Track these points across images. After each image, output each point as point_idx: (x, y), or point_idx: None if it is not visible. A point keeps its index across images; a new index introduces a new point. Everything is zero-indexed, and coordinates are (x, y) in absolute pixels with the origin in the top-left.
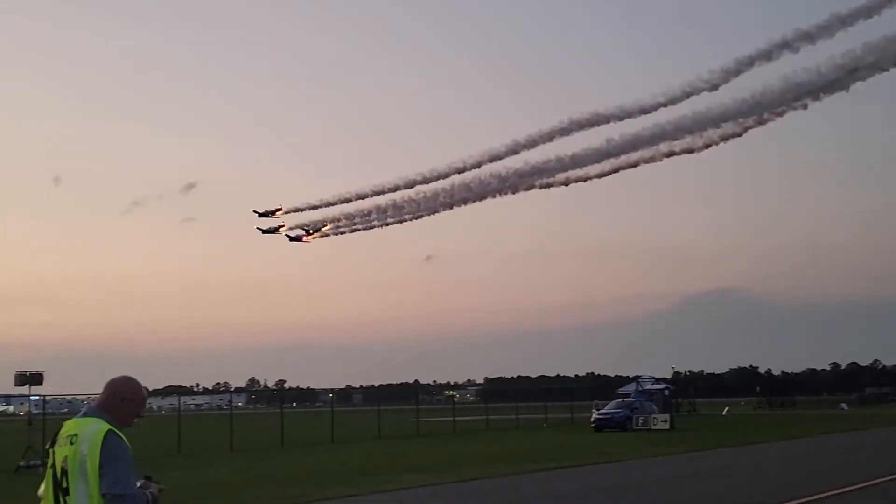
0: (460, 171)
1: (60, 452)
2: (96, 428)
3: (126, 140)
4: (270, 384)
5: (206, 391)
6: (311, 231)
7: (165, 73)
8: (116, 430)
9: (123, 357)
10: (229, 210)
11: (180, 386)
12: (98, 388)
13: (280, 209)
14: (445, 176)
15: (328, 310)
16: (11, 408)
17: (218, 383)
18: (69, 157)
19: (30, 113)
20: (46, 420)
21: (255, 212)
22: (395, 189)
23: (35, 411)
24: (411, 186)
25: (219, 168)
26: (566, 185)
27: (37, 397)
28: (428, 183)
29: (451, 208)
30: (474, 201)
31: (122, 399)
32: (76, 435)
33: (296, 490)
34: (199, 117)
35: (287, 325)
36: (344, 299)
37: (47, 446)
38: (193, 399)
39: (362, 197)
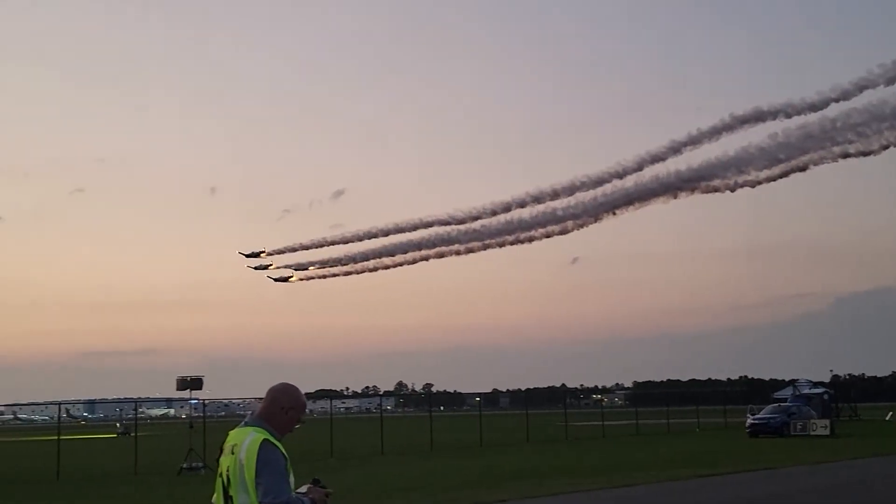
0: (620, 175)
1: (224, 462)
2: (252, 438)
3: (278, 150)
4: (418, 388)
5: (355, 395)
6: (296, 270)
7: (312, 84)
8: (273, 440)
9: (277, 361)
10: (376, 216)
11: (331, 389)
12: (252, 391)
13: (264, 251)
14: (605, 181)
15: (475, 314)
16: (172, 411)
17: (367, 387)
18: (224, 168)
19: (186, 128)
20: (206, 423)
21: (241, 253)
22: (555, 196)
23: (195, 414)
24: (571, 193)
25: (366, 175)
26: (732, 190)
27: (196, 401)
28: (587, 190)
29: (614, 214)
30: (636, 207)
31: (281, 408)
32: (236, 445)
33: (447, 494)
34: (348, 125)
35: (434, 329)
36: (490, 303)
37: (216, 457)
38: (343, 402)
39: (426, 226)
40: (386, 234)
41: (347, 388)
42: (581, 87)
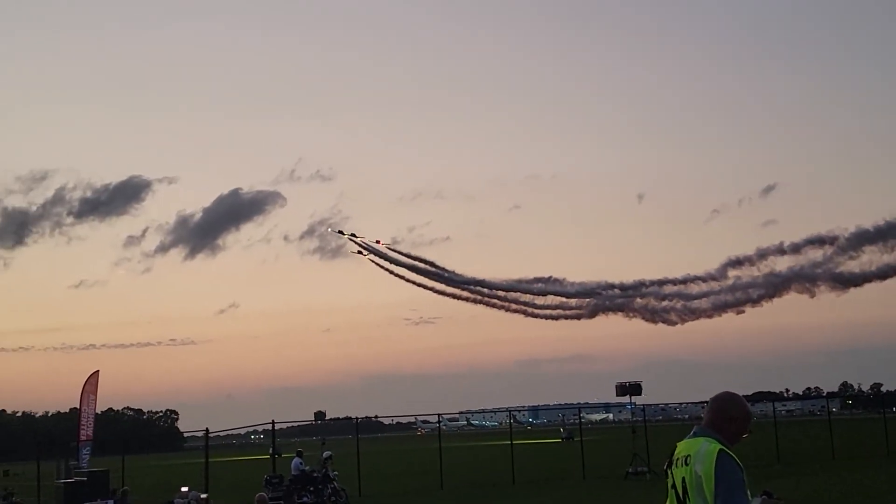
0: None
1: (678, 473)
2: (707, 449)
3: (703, 150)
4: (865, 388)
5: (796, 397)
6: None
7: (743, 79)
8: (727, 450)
9: (712, 363)
10: (810, 212)
11: (770, 391)
12: (689, 395)
13: (354, 234)
14: None
15: None
16: (610, 415)
17: (808, 388)
18: (650, 174)
19: (614, 137)
20: (647, 428)
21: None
22: None
23: (634, 419)
24: None
25: (798, 169)
26: None
27: (634, 405)
28: None
29: None
30: None
31: (729, 418)
32: (689, 456)
33: None
34: (774, 119)
35: (882, 323)
36: None
37: (664, 467)
38: (784, 405)
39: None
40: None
41: (787, 390)
42: None
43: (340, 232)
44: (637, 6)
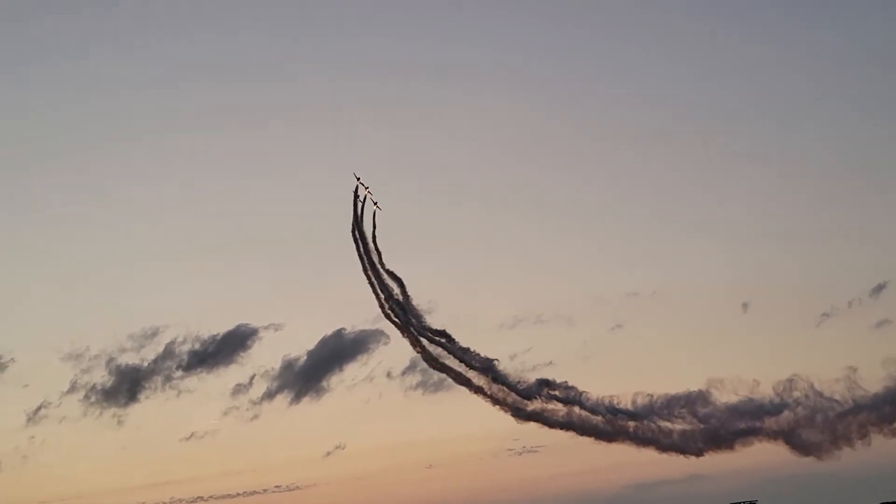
0: None
1: None
2: None
3: (806, 253)
4: None
5: None
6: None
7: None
8: None
9: (831, 473)
10: None
11: (894, 502)
12: None
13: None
14: None
15: None
16: None
17: None
18: (755, 282)
19: (712, 248)
20: None
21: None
22: None
23: None
24: None
25: None
26: None
27: None
28: None
29: None
30: None
31: None
32: None
33: None
34: (881, 213)
35: None
36: None
37: None
38: None
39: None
40: None
41: None
42: None
43: (357, 178)
44: (731, 119)
